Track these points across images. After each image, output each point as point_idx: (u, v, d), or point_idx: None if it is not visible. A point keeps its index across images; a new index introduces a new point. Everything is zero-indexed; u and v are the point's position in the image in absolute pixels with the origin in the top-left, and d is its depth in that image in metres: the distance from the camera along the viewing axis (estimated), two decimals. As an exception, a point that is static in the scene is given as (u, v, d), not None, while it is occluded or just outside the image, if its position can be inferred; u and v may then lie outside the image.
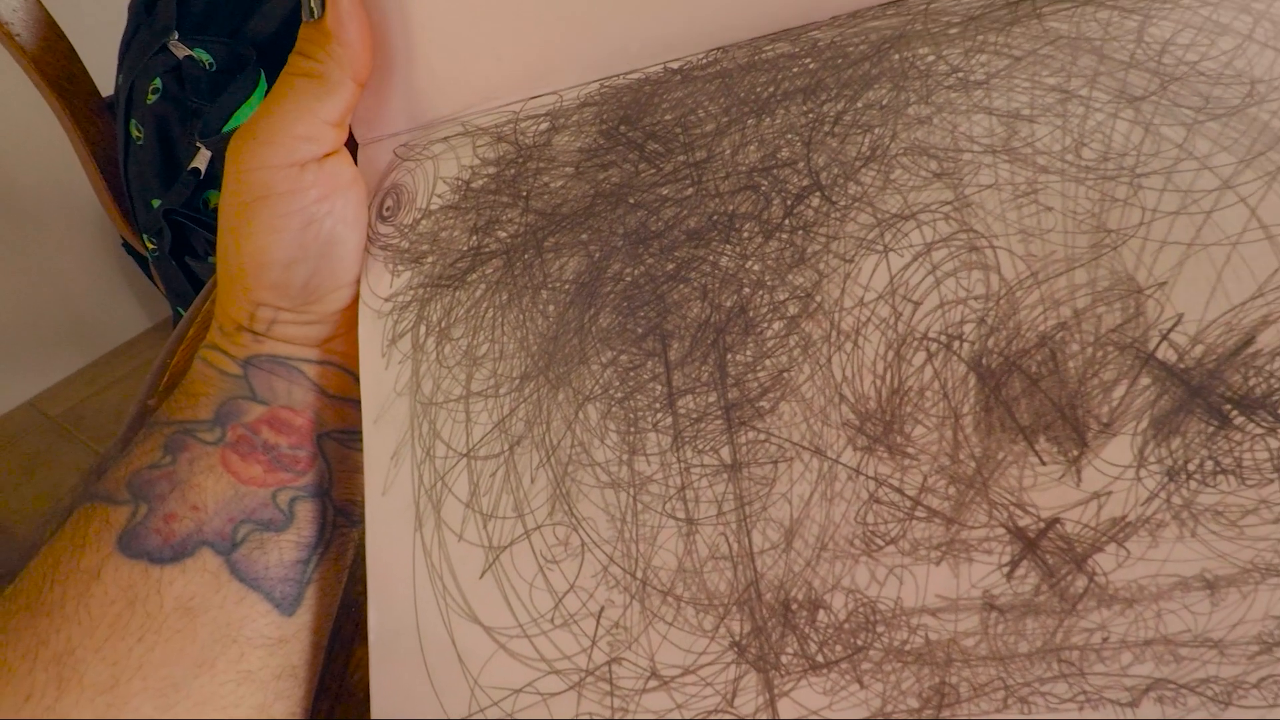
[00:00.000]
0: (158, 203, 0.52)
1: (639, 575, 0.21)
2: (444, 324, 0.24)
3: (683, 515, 0.21)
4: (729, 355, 0.22)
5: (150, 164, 0.51)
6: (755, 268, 0.22)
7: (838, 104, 0.22)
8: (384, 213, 0.27)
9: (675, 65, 0.25)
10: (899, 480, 0.20)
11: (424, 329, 0.25)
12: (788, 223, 0.22)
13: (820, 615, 0.20)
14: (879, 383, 0.21)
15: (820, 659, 0.20)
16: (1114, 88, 0.21)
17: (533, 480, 0.22)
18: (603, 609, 0.21)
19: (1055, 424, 0.20)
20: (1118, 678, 0.18)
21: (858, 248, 0.21)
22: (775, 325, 0.22)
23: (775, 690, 0.20)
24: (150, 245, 0.54)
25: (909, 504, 0.20)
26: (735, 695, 0.20)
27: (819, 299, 0.21)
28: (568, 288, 0.23)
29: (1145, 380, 0.19)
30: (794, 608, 0.20)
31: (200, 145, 0.46)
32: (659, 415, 0.22)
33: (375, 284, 0.26)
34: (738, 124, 0.23)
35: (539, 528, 0.22)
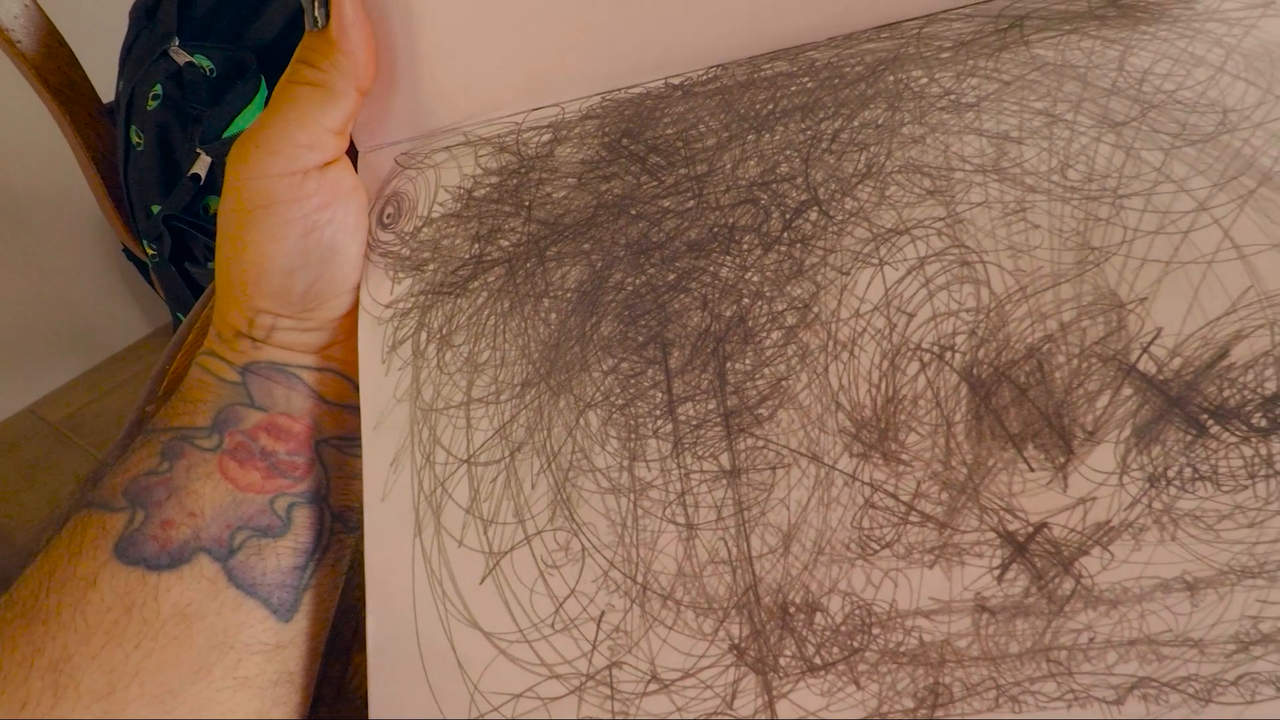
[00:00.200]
0: (158, 209, 0.51)
1: (639, 580, 0.21)
2: (445, 331, 0.25)
3: (682, 520, 0.22)
4: (728, 364, 0.22)
5: (150, 170, 0.51)
6: (754, 279, 0.23)
7: (835, 122, 0.23)
8: (385, 220, 0.27)
9: (676, 80, 0.25)
10: (893, 486, 0.21)
11: (425, 335, 0.25)
12: (786, 236, 0.23)
13: (817, 618, 0.20)
14: (874, 391, 0.21)
15: (818, 661, 0.20)
16: (1097, 113, 0.22)
17: (533, 486, 0.23)
18: (603, 613, 0.21)
19: (1043, 432, 0.20)
20: (1104, 676, 0.19)
21: (854, 261, 0.22)
22: (774, 335, 0.22)
23: (774, 692, 0.20)
24: (150, 251, 0.53)
25: (903, 509, 0.21)
26: (735, 697, 0.20)
27: (816, 310, 0.22)
28: (569, 296, 0.24)
29: (1127, 391, 0.20)
30: (792, 611, 0.21)
31: (200, 151, 0.46)
32: (659, 422, 0.22)
33: (376, 291, 0.26)
34: (738, 139, 0.24)
35: (540, 533, 0.22)
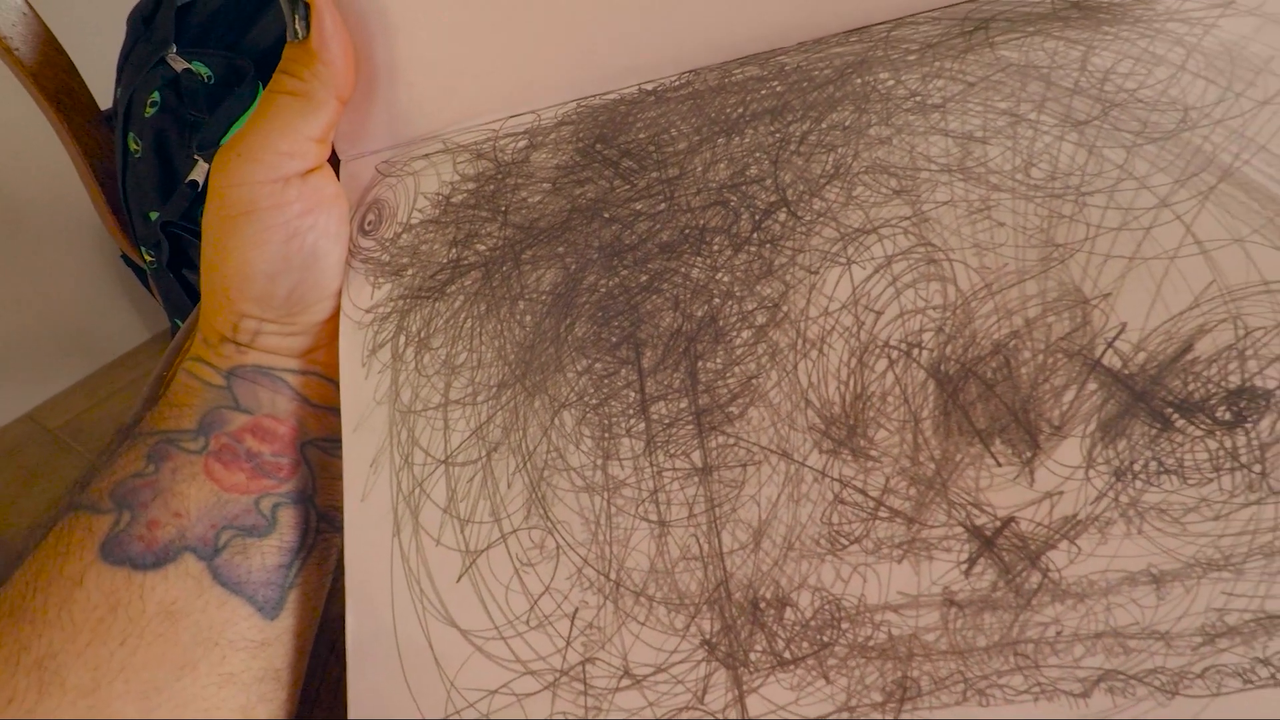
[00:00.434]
0: (155, 215, 0.52)
1: (612, 576, 0.22)
2: (423, 334, 0.25)
3: (655, 518, 0.22)
4: (700, 363, 0.23)
5: (148, 177, 0.51)
6: (725, 279, 0.23)
7: (803, 125, 0.24)
8: (366, 227, 0.27)
9: (649, 86, 0.26)
10: (862, 482, 0.21)
11: (404, 339, 0.25)
12: (756, 236, 0.23)
13: (787, 613, 0.21)
14: (843, 388, 0.22)
15: (787, 655, 0.20)
16: (1060, 112, 0.22)
17: (509, 485, 0.23)
18: (577, 610, 0.22)
19: (1010, 427, 0.21)
20: (1070, 669, 0.19)
21: (822, 260, 0.22)
22: (744, 334, 0.22)
23: (744, 687, 0.20)
24: (148, 258, 0.54)
25: (872, 505, 0.21)
26: (705, 692, 0.20)
27: (786, 309, 0.22)
28: (544, 298, 0.24)
29: (1093, 386, 0.20)
30: (762, 606, 0.21)
31: (198, 158, 0.47)
32: (632, 421, 0.23)
33: (356, 296, 0.26)
34: (708, 143, 0.24)
35: (515, 531, 0.23)
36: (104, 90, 0.59)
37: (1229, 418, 0.20)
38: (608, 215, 0.24)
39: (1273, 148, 0.20)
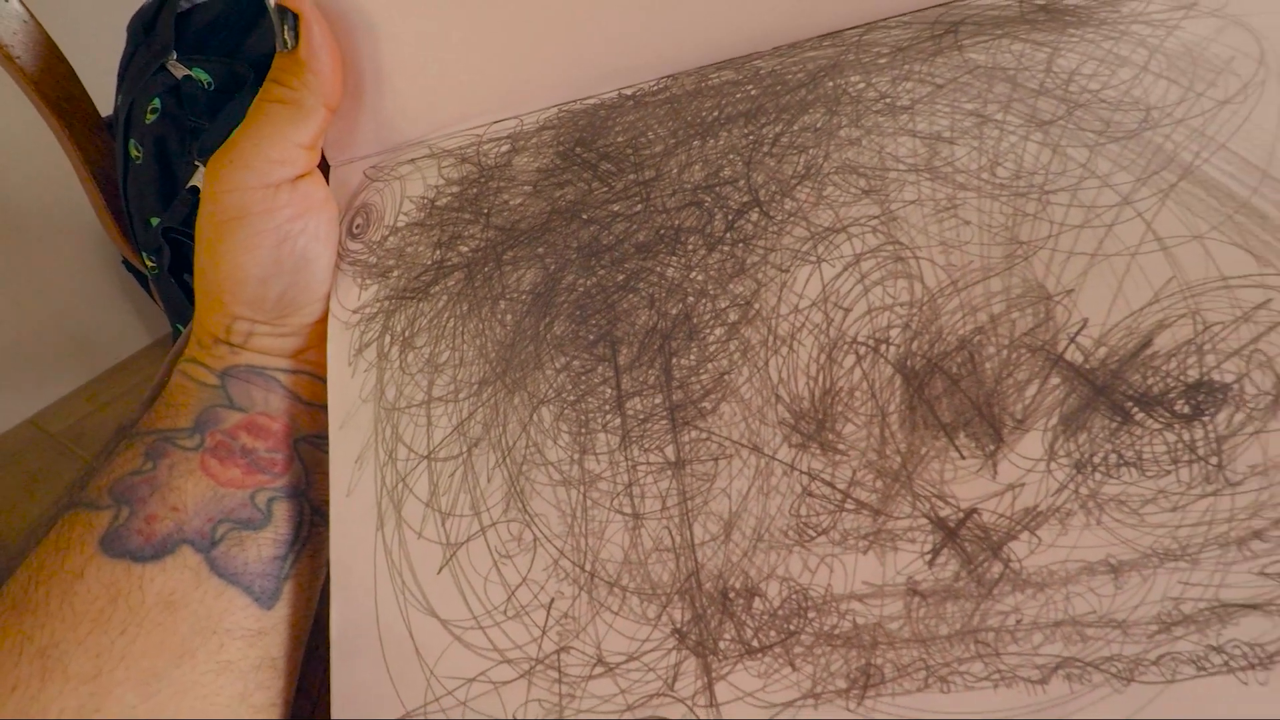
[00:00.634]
0: (156, 221, 0.52)
1: (587, 568, 0.22)
2: (408, 333, 0.26)
3: (629, 510, 0.22)
4: (674, 360, 0.23)
5: (149, 183, 0.52)
6: (699, 278, 0.23)
7: (776, 127, 0.24)
8: (354, 230, 0.28)
9: (629, 91, 0.26)
10: (830, 475, 0.22)
11: (389, 339, 0.26)
12: (729, 236, 0.24)
13: (756, 602, 0.21)
14: (812, 384, 0.22)
15: (755, 644, 0.21)
16: (1025, 113, 0.22)
17: (489, 480, 0.24)
18: (553, 600, 0.22)
19: (974, 421, 0.21)
20: (1029, 656, 0.20)
21: (793, 259, 0.23)
22: (717, 331, 0.23)
23: (713, 674, 0.21)
24: (150, 263, 0.54)
25: (839, 497, 0.21)
26: (676, 680, 0.21)
27: (757, 306, 0.23)
28: (525, 298, 0.25)
29: (1055, 380, 0.21)
30: (732, 596, 0.21)
31: (199, 164, 0.47)
32: (608, 416, 0.23)
33: (344, 297, 0.27)
34: (684, 145, 0.25)
35: (494, 524, 0.23)
36: (105, 97, 0.60)
37: (1187, 411, 0.20)
38: (586, 216, 0.25)
39: (1232, 146, 0.21)
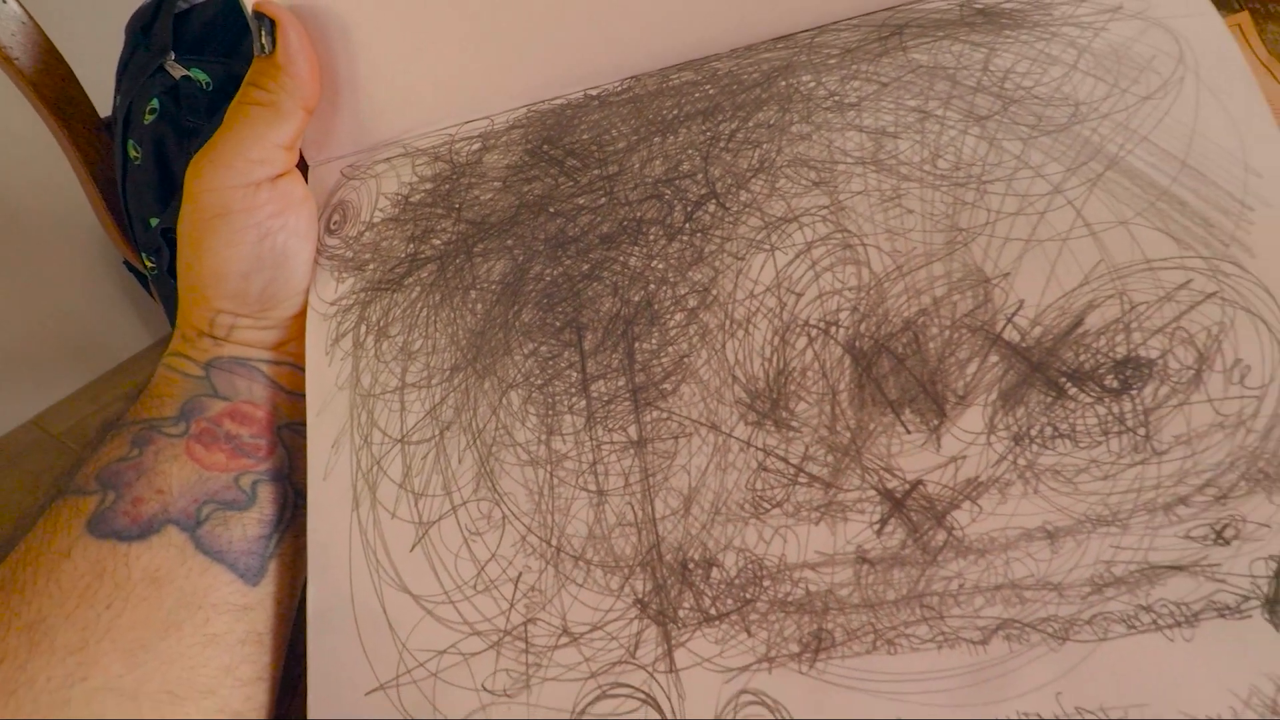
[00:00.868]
0: (155, 221, 0.52)
1: (554, 543, 0.23)
2: (382, 323, 0.27)
3: (594, 487, 0.23)
4: (636, 344, 0.24)
5: (148, 183, 0.51)
6: (660, 266, 0.25)
7: (732, 124, 0.25)
8: (332, 226, 0.29)
9: (594, 92, 0.28)
10: (784, 450, 0.23)
11: (364, 328, 0.27)
12: (688, 226, 0.25)
13: (714, 573, 0.22)
14: (767, 365, 0.23)
15: (713, 612, 0.22)
16: (964, 109, 0.24)
17: (460, 461, 0.25)
18: (520, 574, 0.23)
19: (919, 398, 0.22)
20: (971, 619, 0.21)
21: (748, 247, 0.24)
22: (677, 316, 0.24)
23: (673, 641, 0.22)
24: (149, 264, 0.54)
25: (792, 471, 0.22)
26: (638, 648, 0.22)
27: (715, 292, 0.24)
28: (494, 288, 0.26)
29: (994, 358, 0.22)
30: (691, 567, 0.22)
31: None
32: (574, 399, 0.24)
33: (322, 290, 0.28)
34: (646, 142, 0.26)
35: (465, 503, 0.24)
36: (104, 98, 0.60)
37: (1116, 385, 0.21)
38: (553, 210, 0.26)
39: (1154, 139, 0.22)
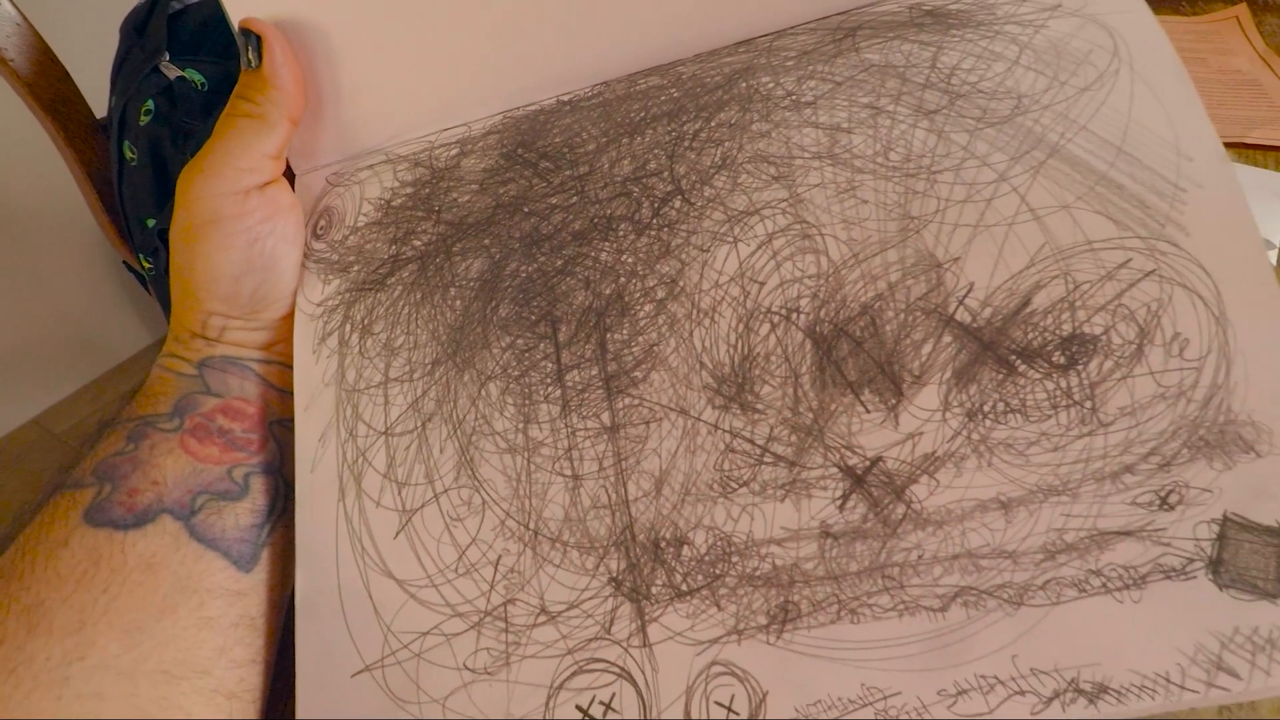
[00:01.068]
0: (152, 222, 0.52)
1: (531, 526, 0.24)
2: (366, 321, 0.28)
3: (569, 472, 0.24)
4: (608, 335, 0.25)
5: (144, 184, 0.51)
6: (629, 260, 0.26)
7: (695, 124, 0.27)
8: (318, 231, 0.30)
9: (566, 98, 0.29)
10: (750, 432, 0.24)
11: (349, 327, 0.28)
12: (655, 222, 0.26)
13: (685, 550, 0.23)
14: (732, 351, 0.24)
15: (684, 588, 0.23)
16: (913, 104, 0.25)
17: (442, 450, 0.26)
18: (500, 557, 0.24)
19: (877, 378, 0.23)
20: (930, 587, 0.22)
21: (713, 240, 0.25)
22: (646, 307, 0.25)
23: (646, 617, 0.23)
24: (147, 264, 0.54)
25: (758, 452, 0.23)
26: (612, 624, 0.23)
27: (682, 284, 0.25)
28: (472, 285, 0.27)
29: (947, 339, 0.23)
30: (663, 545, 0.23)
31: None
32: (550, 388, 0.25)
33: (309, 292, 0.29)
34: (615, 143, 0.27)
35: (446, 491, 0.25)
36: (99, 99, 0.60)
37: (1063, 361, 0.22)
38: (527, 209, 0.27)
39: (1092, 128, 0.23)
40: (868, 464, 0.23)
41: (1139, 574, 0.21)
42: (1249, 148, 0.46)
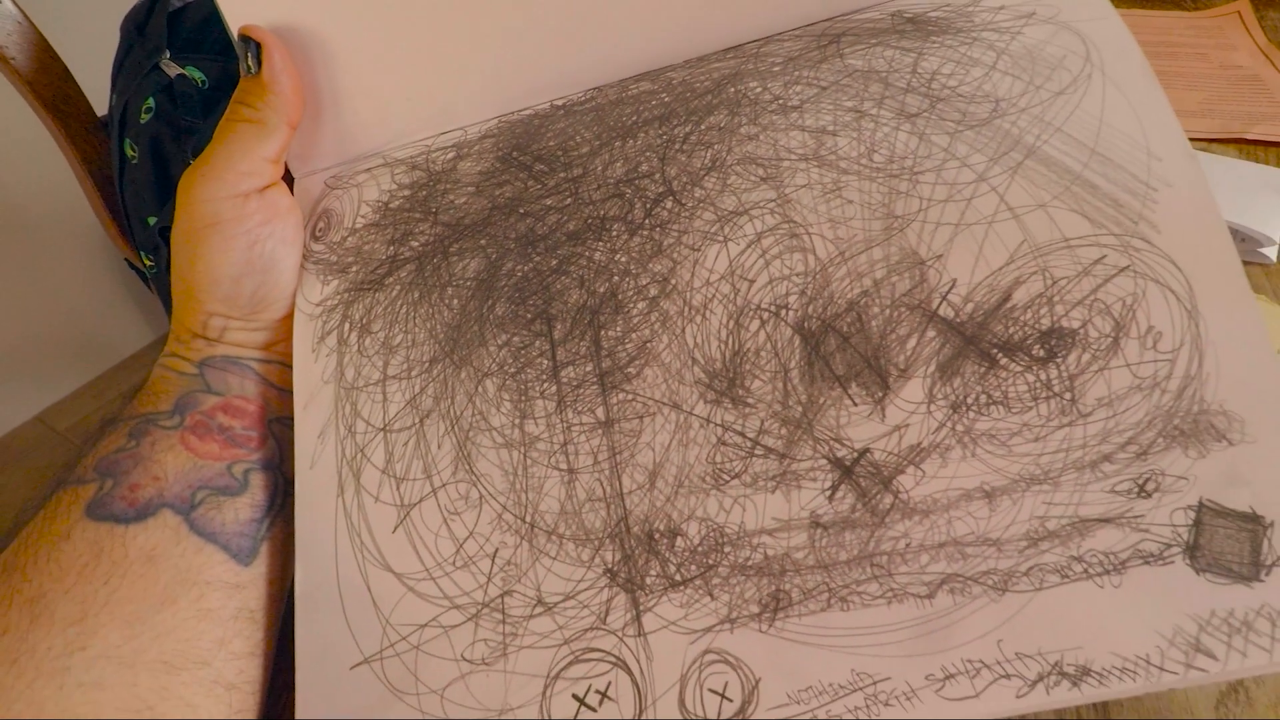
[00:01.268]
0: (153, 220, 0.52)
1: (528, 519, 0.25)
2: (365, 320, 0.28)
3: (565, 466, 0.25)
4: (602, 332, 0.26)
5: (145, 182, 0.51)
6: (622, 259, 0.26)
7: (686, 127, 0.27)
8: (317, 233, 0.31)
9: (560, 102, 0.30)
10: (741, 425, 0.24)
11: (348, 326, 0.28)
12: (647, 222, 0.27)
13: (678, 541, 0.24)
14: (723, 347, 0.25)
15: (678, 578, 0.23)
16: (896, 108, 0.26)
17: (439, 446, 0.26)
18: (497, 550, 0.24)
19: (864, 372, 0.24)
20: (917, 575, 0.22)
21: (703, 239, 0.26)
22: (639, 305, 0.26)
23: (641, 607, 0.23)
24: (148, 262, 0.54)
25: (749, 445, 0.24)
26: (608, 614, 0.23)
27: (674, 282, 0.26)
28: (469, 284, 0.28)
29: (931, 333, 0.24)
30: (657, 537, 0.24)
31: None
32: (545, 385, 0.26)
33: (309, 292, 0.30)
34: (607, 146, 0.28)
35: (444, 485, 0.26)
36: (100, 96, 0.60)
37: (1043, 354, 0.23)
38: (523, 211, 0.28)
39: (1067, 129, 0.24)
40: (856, 455, 0.23)
41: (1119, 559, 0.21)
42: (1250, 143, 0.45)
